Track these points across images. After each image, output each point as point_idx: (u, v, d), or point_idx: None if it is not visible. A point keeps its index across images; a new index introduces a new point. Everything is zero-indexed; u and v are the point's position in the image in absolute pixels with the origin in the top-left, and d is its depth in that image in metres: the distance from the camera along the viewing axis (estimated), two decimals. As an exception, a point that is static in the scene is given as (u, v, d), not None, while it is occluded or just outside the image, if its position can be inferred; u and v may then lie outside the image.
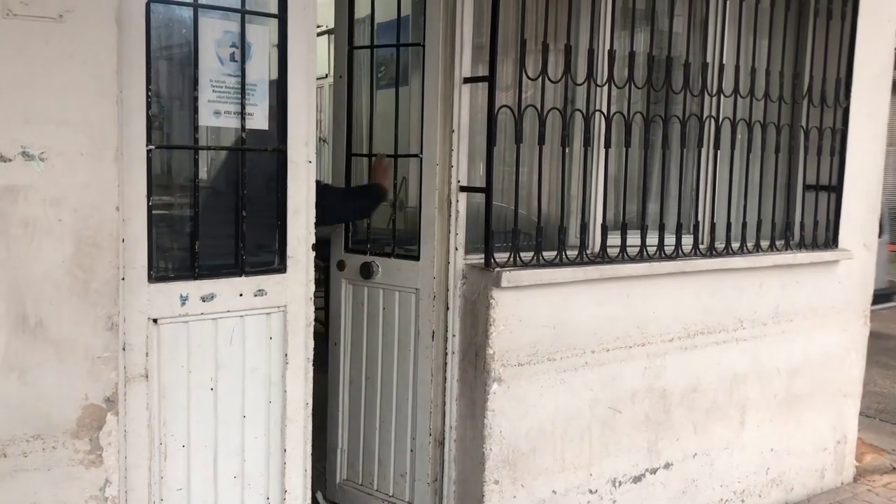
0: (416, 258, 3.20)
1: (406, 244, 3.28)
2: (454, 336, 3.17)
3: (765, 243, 3.94)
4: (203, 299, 2.58)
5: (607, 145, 3.36)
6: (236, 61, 2.60)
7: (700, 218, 3.79)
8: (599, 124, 3.37)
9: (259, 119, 2.68)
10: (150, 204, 2.43)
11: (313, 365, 2.81)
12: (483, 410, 3.07)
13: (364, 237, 3.41)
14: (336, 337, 3.49)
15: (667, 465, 3.67)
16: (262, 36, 2.66)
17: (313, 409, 2.85)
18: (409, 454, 3.31)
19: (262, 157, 2.71)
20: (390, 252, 3.31)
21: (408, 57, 3.33)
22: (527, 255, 3.15)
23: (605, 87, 3.32)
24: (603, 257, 3.38)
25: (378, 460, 3.42)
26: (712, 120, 3.71)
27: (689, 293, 3.64)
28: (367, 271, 3.34)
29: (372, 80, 3.38)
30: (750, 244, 3.87)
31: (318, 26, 2.84)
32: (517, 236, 3.12)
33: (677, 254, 3.59)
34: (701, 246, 3.72)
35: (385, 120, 3.32)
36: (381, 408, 3.39)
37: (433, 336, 3.18)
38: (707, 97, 3.69)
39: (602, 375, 3.38)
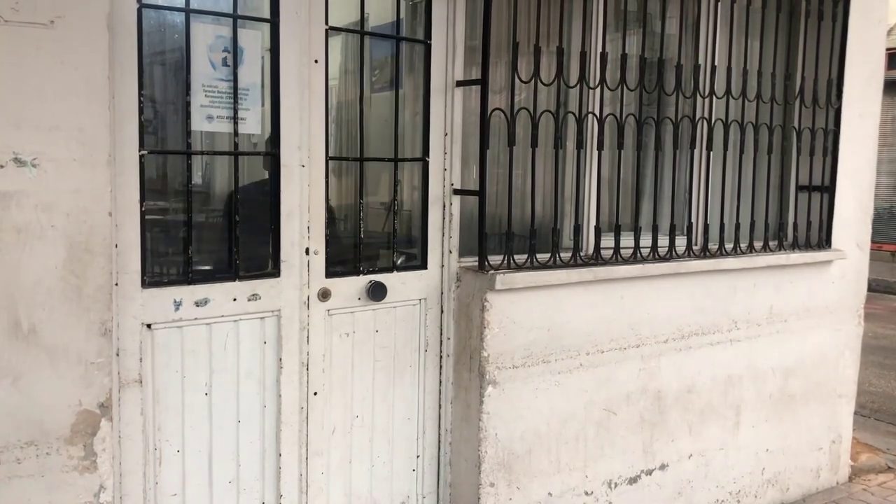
0: (419, 267, 3.11)
1: (397, 253, 3.21)
2: (449, 339, 3.17)
3: (758, 244, 3.95)
4: (197, 304, 2.58)
5: (600, 147, 3.36)
6: (229, 66, 2.60)
7: (693, 219, 3.79)
8: (592, 126, 3.38)
9: (252, 124, 2.68)
10: (144, 209, 2.43)
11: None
12: (478, 413, 3.08)
13: (351, 255, 2.96)
14: (317, 385, 2.88)
15: (662, 467, 3.68)
16: (254, 41, 2.67)
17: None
18: (412, 475, 3.20)
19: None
20: (389, 266, 3.03)
21: (400, 59, 3.32)
22: (520, 258, 3.16)
23: (598, 90, 3.33)
24: (597, 259, 3.39)
25: (374, 501, 3.12)
26: (705, 121, 3.72)
27: (683, 294, 3.65)
28: (380, 292, 2.95)
29: (361, 73, 3.26)
30: (743, 245, 3.88)
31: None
32: (511, 239, 3.12)
33: (671, 255, 3.60)
34: (694, 247, 3.73)
35: (375, 122, 3.28)
36: (374, 443, 3.07)
37: (440, 343, 3.18)
38: (699, 99, 3.70)
39: (597, 377, 3.39)
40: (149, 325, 2.49)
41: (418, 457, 3.20)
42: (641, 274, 3.45)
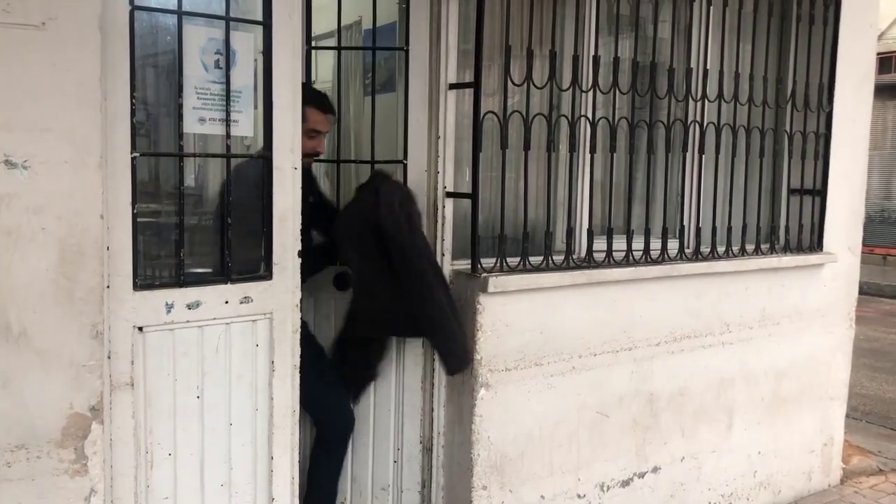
0: None
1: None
2: (441, 342, 3.16)
3: (750, 247, 3.97)
4: (188, 307, 2.57)
5: (593, 150, 3.37)
6: (221, 68, 2.59)
7: (686, 222, 3.80)
8: (585, 130, 3.38)
9: (244, 126, 2.68)
10: (135, 211, 2.42)
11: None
12: (471, 416, 3.08)
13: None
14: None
15: (655, 469, 3.68)
16: (247, 43, 2.66)
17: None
18: (392, 466, 3.26)
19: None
20: None
21: (394, 63, 3.33)
22: (513, 261, 3.15)
23: (590, 93, 3.34)
24: (589, 262, 3.39)
25: (352, 477, 3.31)
26: (697, 125, 3.73)
27: (676, 297, 3.66)
28: (342, 282, 3.19)
29: (339, 84, 3.34)
30: (735, 248, 3.89)
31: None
32: (504, 241, 3.12)
33: (663, 258, 3.61)
34: (687, 250, 3.74)
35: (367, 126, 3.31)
36: (363, 442, 3.26)
37: (423, 342, 3.18)
38: (692, 102, 3.72)
39: (590, 380, 3.39)
40: (140, 328, 2.48)
41: (398, 449, 3.27)
42: (634, 277, 3.46)
